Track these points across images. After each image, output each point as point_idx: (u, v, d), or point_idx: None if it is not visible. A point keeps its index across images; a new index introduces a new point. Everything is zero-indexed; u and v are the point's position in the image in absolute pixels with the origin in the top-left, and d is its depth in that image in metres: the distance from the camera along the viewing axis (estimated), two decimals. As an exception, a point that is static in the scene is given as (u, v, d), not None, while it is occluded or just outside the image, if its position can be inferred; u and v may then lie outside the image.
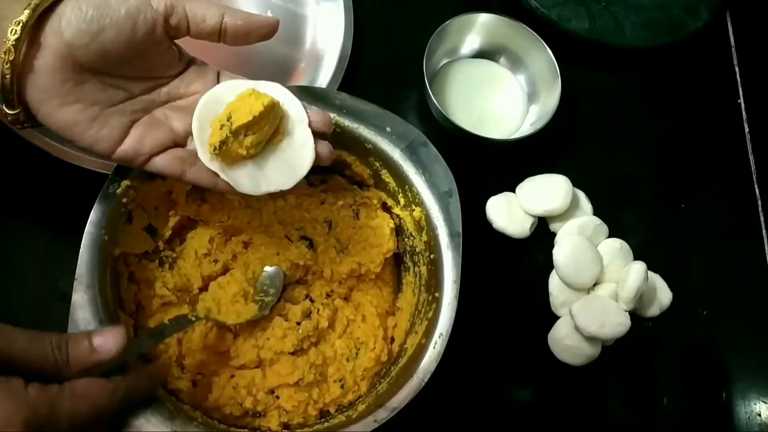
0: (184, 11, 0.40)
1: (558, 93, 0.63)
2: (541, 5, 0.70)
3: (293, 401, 0.49)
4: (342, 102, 0.52)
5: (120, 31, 0.38)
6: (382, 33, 0.69)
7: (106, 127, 0.40)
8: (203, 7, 0.41)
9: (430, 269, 0.52)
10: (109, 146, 0.40)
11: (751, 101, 0.75)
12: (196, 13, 0.40)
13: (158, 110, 0.43)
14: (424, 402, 0.45)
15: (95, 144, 0.40)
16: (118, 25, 0.38)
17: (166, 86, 0.43)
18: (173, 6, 0.40)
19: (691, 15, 0.73)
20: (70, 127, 0.39)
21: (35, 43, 0.36)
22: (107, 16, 0.37)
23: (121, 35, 0.38)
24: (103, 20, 0.37)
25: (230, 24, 0.41)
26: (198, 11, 0.40)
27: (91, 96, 0.39)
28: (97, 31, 0.37)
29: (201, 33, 0.41)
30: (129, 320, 0.47)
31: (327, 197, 0.57)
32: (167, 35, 0.40)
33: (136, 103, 0.42)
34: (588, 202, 0.65)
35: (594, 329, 0.56)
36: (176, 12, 0.40)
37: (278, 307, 0.52)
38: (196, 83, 0.44)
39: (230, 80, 0.44)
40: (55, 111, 0.38)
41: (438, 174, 0.52)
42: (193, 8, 0.40)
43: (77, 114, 0.39)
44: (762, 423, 0.62)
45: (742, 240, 0.69)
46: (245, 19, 0.42)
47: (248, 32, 0.42)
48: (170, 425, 0.40)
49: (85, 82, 0.39)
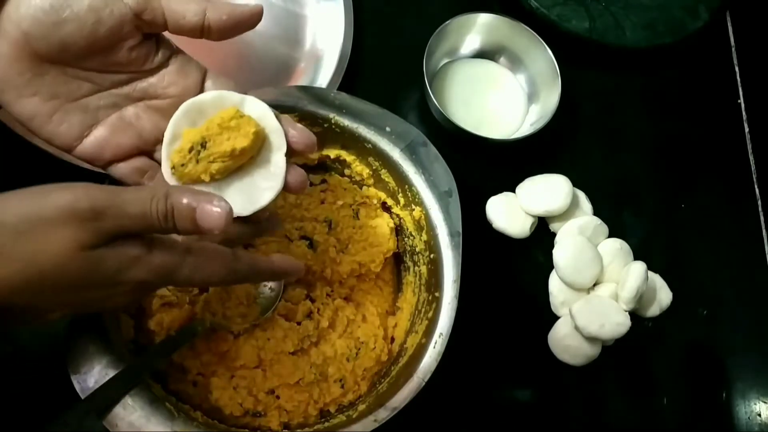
0: (161, 7, 0.37)
1: (558, 93, 0.63)
2: (541, 5, 0.70)
3: (293, 401, 0.49)
4: (342, 102, 0.52)
5: (81, 24, 0.35)
6: (382, 33, 0.69)
7: (65, 124, 0.38)
8: (183, 3, 0.37)
9: (430, 269, 0.52)
10: (66, 143, 0.38)
11: (751, 101, 0.75)
12: (175, 9, 0.37)
13: (130, 108, 0.40)
14: (424, 402, 0.45)
15: (52, 139, 0.38)
16: (79, 18, 0.35)
17: (142, 81, 0.39)
18: (147, 2, 0.36)
19: (691, 15, 0.73)
20: (27, 120, 0.37)
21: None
22: (68, 7, 0.34)
23: (82, 29, 0.35)
24: (63, 12, 0.34)
25: (214, 20, 0.38)
26: (177, 7, 0.37)
27: (51, 88, 0.37)
28: (56, 23, 0.34)
29: (181, 30, 0.38)
30: (129, 320, 0.47)
31: (327, 197, 0.57)
32: (139, 31, 0.37)
33: (104, 97, 0.39)
34: (588, 202, 0.65)
35: (594, 329, 0.56)
36: (150, 8, 0.36)
37: (278, 307, 0.52)
38: (176, 84, 0.40)
39: (217, 91, 0.39)
40: (12, 101, 0.36)
41: (438, 174, 0.52)
42: (171, 4, 0.37)
43: (35, 107, 0.37)
44: (762, 423, 0.62)
45: (742, 240, 0.69)
46: (230, 13, 0.38)
47: (234, 26, 0.39)
48: (170, 425, 0.41)
49: (45, 73, 0.36)
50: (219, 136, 0.37)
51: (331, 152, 0.55)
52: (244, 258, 0.38)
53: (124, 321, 0.46)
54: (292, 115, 0.51)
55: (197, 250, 0.35)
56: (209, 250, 0.36)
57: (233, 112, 0.38)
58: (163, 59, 0.39)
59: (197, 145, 0.37)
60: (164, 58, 0.39)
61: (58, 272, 0.30)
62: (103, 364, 0.41)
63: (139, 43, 0.38)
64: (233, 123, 0.37)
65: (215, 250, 0.36)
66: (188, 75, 0.40)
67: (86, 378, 0.40)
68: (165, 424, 0.40)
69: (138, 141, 0.40)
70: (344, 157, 0.55)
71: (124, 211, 0.31)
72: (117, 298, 0.34)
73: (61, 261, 0.30)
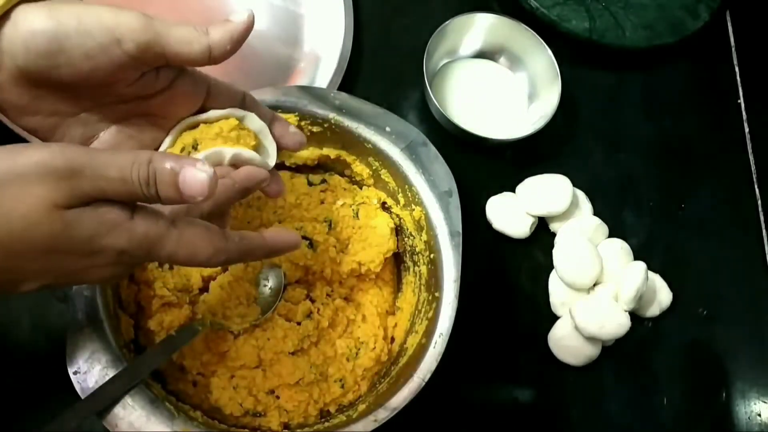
0: (161, 48, 0.35)
1: (558, 93, 0.63)
2: (541, 5, 0.70)
3: (293, 401, 0.49)
4: (341, 102, 0.52)
5: (77, 70, 0.33)
6: (382, 33, 0.69)
7: (66, 138, 0.37)
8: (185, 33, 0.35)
9: (430, 269, 0.52)
10: None
11: (751, 101, 0.75)
12: (179, 51, 0.35)
13: (132, 120, 0.38)
14: (424, 402, 0.45)
15: None
16: (74, 64, 0.33)
17: (144, 101, 0.38)
18: (148, 47, 0.34)
19: (691, 15, 0.73)
20: (31, 133, 0.37)
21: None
22: (62, 53, 0.33)
23: (78, 73, 0.34)
24: (58, 57, 0.33)
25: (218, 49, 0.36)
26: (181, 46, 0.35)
27: (51, 107, 0.36)
28: (51, 67, 0.33)
29: (184, 63, 0.37)
30: (129, 320, 0.47)
31: (327, 197, 0.57)
32: (138, 70, 0.35)
33: (105, 112, 0.38)
34: (588, 202, 0.65)
35: (594, 329, 0.56)
36: (152, 53, 0.34)
37: (278, 307, 0.52)
38: (181, 104, 0.38)
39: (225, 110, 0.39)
40: (15, 118, 0.36)
41: (438, 174, 0.52)
42: (171, 40, 0.35)
43: (38, 123, 0.36)
44: (762, 423, 0.62)
45: (742, 240, 0.69)
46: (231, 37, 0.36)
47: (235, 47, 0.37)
48: (170, 425, 0.41)
49: (44, 97, 0.35)
50: (212, 141, 0.37)
51: (331, 152, 0.55)
52: (235, 236, 0.36)
53: (124, 321, 0.46)
54: (293, 115, 0.52)
55: (184, 223, 0.34)
56: (197, 224, 0.34)
57: (234, 124, 0.38)
58: (166, 83, 0.37)
59: (188, 147, 0.37)
60: (167, 82, 0.37)
61: (30, 232, 0.29)
62: (103, 364, 0.41)
63: (138, 79, 0.36)
64: (233, 134, 0.37)
65: (203, 225, 0.34)
66: (195, 94, 0.39)
67: (86, 378, 0.40)
68: (165, 424, 0.40)
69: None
70: (344, 157, 0.55)
71: (103, 173, 0.30)
72: (97, 270, 0.32)
73: (34, 219, 0.29)
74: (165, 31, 0.34)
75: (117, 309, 0.46)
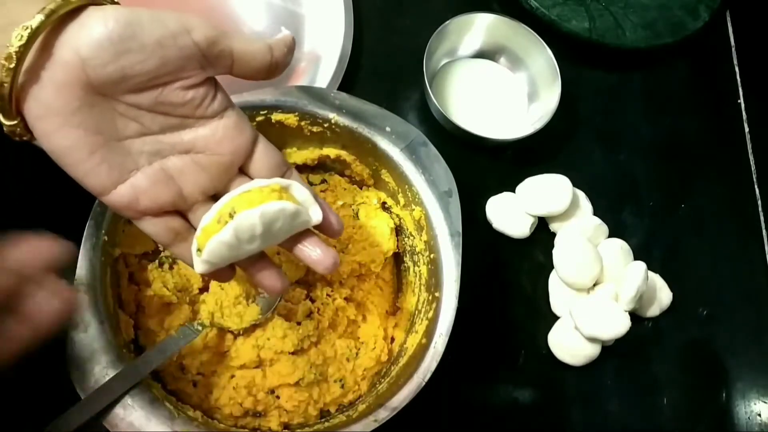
0: (229, 47, 0.35)
1: (558, 93, 0.63)
2: (541, 5, 0.70)
3: (294, 401, 0.49)
4: (342, 102, 0.52)
5: (146, 57, 0.33)
6: (382, 33, 0.69)
7: (105, 164, 0.35)
8: (250, 43, 0.35)
9: (430, 269, 0.52)
10: (100, 186, 0.35)
11: (751, 101, 0.75)
12: (243, 49, 0.35)
13: (174, 159, 0.37)
14: (424, 402, 0.45)
15: (86, 178, 0.35)
16: (145, 50, 0.32)
17: (192, 130, 0.37)
18: (216, 42, 0.34)
19: (691, 15, 0.73)
20: (64, 153, 0.34)
21: (46, 51, 0.32)
22: (135, 37, 0.32)
23: (145, 63, 0.33)
24: (130, 42, 0.32)
25: (280, 58, 0.36)
26: (245, 47, 0.35)
27: (97, 123, 0.34)
28: (120, 53, 0.32)
29: (246, 71, 0.36)
30: (129, 320, 0.47)
31: (327, 197, 0.57)
32: (203, 70, 0.35)
33: (150, 142, 0.36)
34: (588, 202, 0.65)
35: (594, 329, 0.56)
36: (219, 50, 0.34)
37: (278, 307, 0.52)
38: (229, 140, 0.37)
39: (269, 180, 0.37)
40: (53, 130, 0.33)
41: (438, 174, 0.52)
42: (237, 44, 0.35)
43: (77, 139, 0.34)
44: (762, 423, 0.62)
45: (742, 240, 0.69)
46: (288, 45, 0.36)
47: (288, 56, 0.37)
48: (170, 425, 0.40)
49: (94, 105, 0.33)
50: (251, 204, 0.35)
51: (331, 152, 0.55)
52: None
53: (124, 321, 0.46)
54: (293, 115, 0.52)
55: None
56: None
57: (277, 188, 0.37)
58: (220, 109, 0.37)
59: (225, 216, 0.35)
60: (220, 108, 0.37)
61: None
62: (103, 364, 0.41)
63: (198, 84, 0.35)
64: (274, 195, 0.36)
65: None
66: (242, 132, 0.38)
67: (86, 378, 0.40)
68: (165, 424, 0.40)
69: (176, 198, 0.37)
70: (344, 157, 0.55)
71: None
72: None
73: None
74: (232, 33, 0.35)
75: (117, 309, 0.46)
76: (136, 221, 0.38)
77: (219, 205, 0.36)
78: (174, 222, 0.38)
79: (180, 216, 0.39)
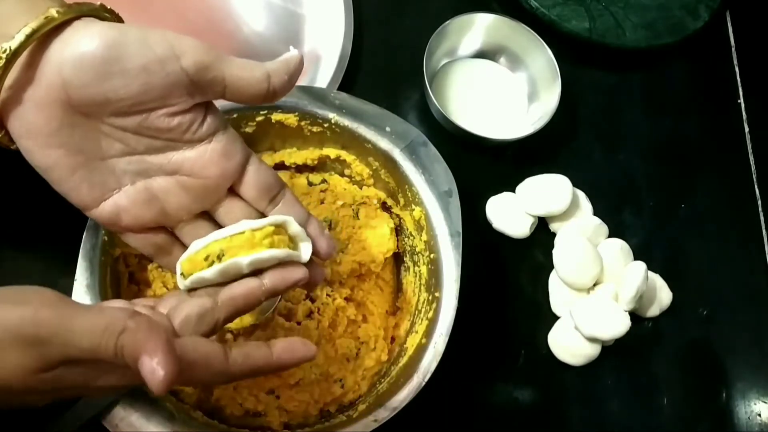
0: (221, 73, 0.33)
1: (558, 93, 0.63)
2: (541, 5, 0.70)
3: (294, 401, 0.49)
4: (341, 102, 0.52)
5: (129, 82, 0.31)
6: (382, 33, 0.69)
7: (85, 183, 0.34)
8: (246, 62, 0.34)
9: (430, 269, 0.52)
10: (83, 203, 0.35)
11: (751, 101, 0.75)
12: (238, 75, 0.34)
13: (159, 179, 0.36)
14: (424, 402, 0.45)
15: (69, 194, 0.35)
16: (128, 75, 0.31)
17: (179, 153, 0.35)
18: (208, 68, 0.33)
19: (691, 15, 0.73)
20: (47, 170, 0.34)
21: (29, 68, 0.31)
22: (119, 61, 0.31)
23: (128, 88, 0.32)
24: (113, 65, 0.31)
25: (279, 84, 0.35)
26: (240, 73, 0.34)
27: (79, 142, 0.33)
28: (102, 76, 0.31)
29: (241, 97, 0.35)
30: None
31: (327, 197, 0.57)
32: (191, 97, 0.34)
33: (134, 162, 0.35)
34: (588, 202, 0.65)
35: (594, 329, 0.56)
36: (211, 77, 0.33)
37: (278, 307, 0.52)
38: (216, 165, 0.36)
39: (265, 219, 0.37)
40: (35, 149, 0.33)
41: (438, 173, 0.52)
42: (233, 70, 0.33)
43: (57, 159, 0.33)
44: (762, 423, 0.62)
45: (742, 240, 0.69)
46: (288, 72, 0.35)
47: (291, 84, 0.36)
48: (170, 425, 0.40)
49: (76, 125, 0.33)
50: (240, 250, 0.35)
51: (331, 152, 0.55)
52: (238, 357, 0.33)
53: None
54: (293, 115, 0.52)
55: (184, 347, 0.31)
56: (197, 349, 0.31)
57: (269, 231, 0.36)
58: (208, 133, 0.35)
59: (213, 256, 0.35)
60: (209, 132, 0.35)
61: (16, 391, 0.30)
62: (103, 364, 0.41)
63: (185, 110, 0.34)
64: (266, 242, 0.36)
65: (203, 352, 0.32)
66: (231, 157, 0.36)
67: (86, 378, 0.40)
68: (165, 424, 0.40)
69: (159, 216, 0.37)
70: (344, 157, 0.55)
71: (72, 342, 0.29)
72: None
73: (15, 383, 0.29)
74: (227, 58, 0.34)
75: (117, 309, 0.46)
76: (120, 235, 0.38)
77: (209, 240, 0.36)
78: (157, 238, 0.38)
79: (165, 231, 0.38)
